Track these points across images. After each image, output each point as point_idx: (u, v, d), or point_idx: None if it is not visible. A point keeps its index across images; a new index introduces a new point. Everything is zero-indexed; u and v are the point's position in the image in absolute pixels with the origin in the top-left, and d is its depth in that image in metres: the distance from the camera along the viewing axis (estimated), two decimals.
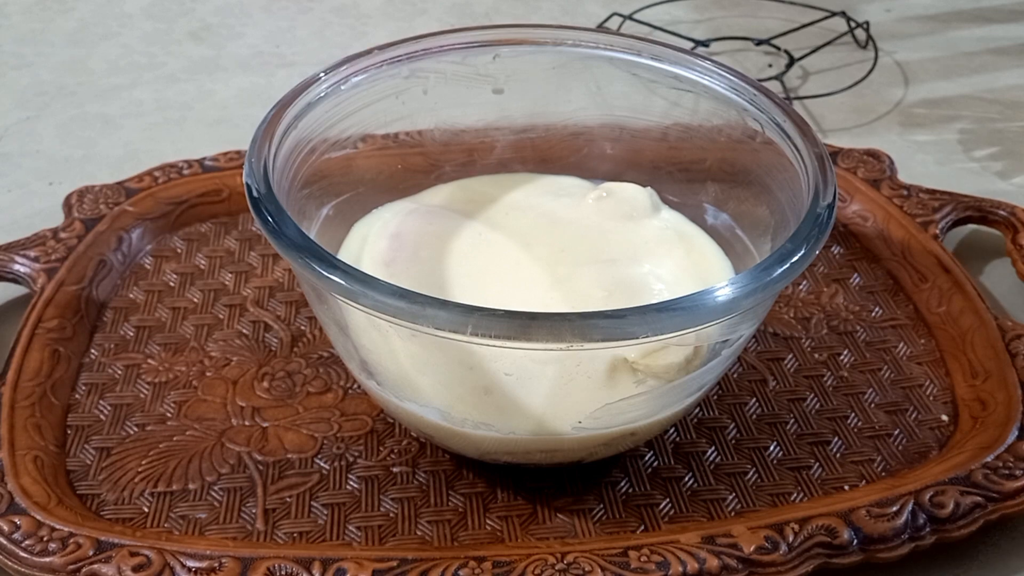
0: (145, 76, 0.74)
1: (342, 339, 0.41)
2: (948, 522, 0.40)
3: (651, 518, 0.41)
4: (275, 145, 0.40)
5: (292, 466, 0.43)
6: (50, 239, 0.52)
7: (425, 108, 0.49)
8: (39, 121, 0.68)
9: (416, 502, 0.42)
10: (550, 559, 0.38)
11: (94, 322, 0.50)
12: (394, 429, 0.45)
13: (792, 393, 0.47)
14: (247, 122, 0.42)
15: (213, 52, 0.77)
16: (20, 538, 0.38)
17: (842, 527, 0.39)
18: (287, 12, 0.83)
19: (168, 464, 0.43)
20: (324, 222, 0.46)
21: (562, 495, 0.42)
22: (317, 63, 0.64)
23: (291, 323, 0.50)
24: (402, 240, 0.45)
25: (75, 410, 0.45)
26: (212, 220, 0.56)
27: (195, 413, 0.45)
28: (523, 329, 0.33)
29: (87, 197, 0.55)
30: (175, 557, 0.38)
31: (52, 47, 0.77)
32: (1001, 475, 0.41)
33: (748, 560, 0.38)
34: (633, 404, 0.38)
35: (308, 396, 0.46)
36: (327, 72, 0.44)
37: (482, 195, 0.49)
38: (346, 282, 0.34)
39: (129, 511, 0.41)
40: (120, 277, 0.52)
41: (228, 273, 0.53)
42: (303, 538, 0.40)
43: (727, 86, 0.45)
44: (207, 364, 0.48)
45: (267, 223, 0.37)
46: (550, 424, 0.39)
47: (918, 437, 0.45)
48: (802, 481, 0.43)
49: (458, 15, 0.82)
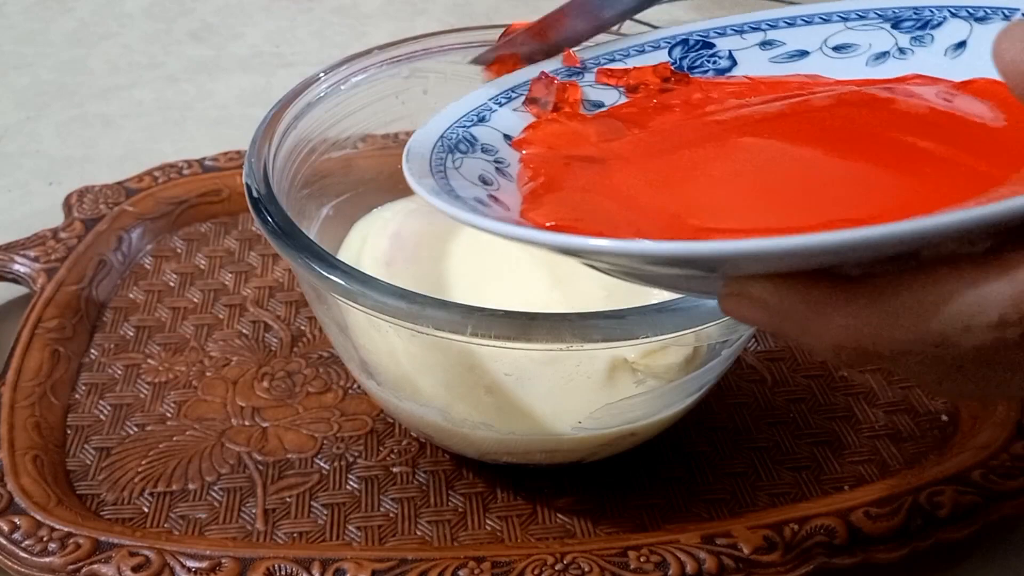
0: (145, 76, 0.74)
1: (342, 339, 0.41)
2: (947, 522, 0.40)
3: (651, 518, 0.41)
4: (275, 145, 0.40)
5: (292, 466, 0.43)
6: (50, 239, 0.52)
7: (425, 108, 0.49)
8: (39, 121, 0.68)
9: (416, 502, 0.42)
10: (549, 559, 0.38)
11: (94, 322, 0.50)
12: (394, 429, 0.45)
13: (792, 393, 0.47)
14: (247, 122, 0.43)
15: (213, 52, 0.77)
16: (20, 538, 0.38)
17: (841, 527, 0.39)
18: (287, 12, 0.83)
19: (168, 464, 0.43)
20: (324, 222, 0.46)
21: (562, 495, 0.42)
22: (317, 63, 0.64)
23: (291, 323, 0.50)
24: (402, 240, 0.45)
25: (75, 410, 0.45)
26: (212, 220, 0.56)
27: (195, 413, 0.45)
28: (523, 329, 0.33)
29: (87, 197, 0.55)
30: (175, 557, 0.38)
31: (52, 47, 0.77)
32: (1000, 475, 0.41)
33: (747, 560, 0.38)
34: (633, 404, 0.38)
35: (308, 396, 0.46)
36: (327, 72, 0.44)
37: None
38: (346, 282, 0.34)
39: (129, 511, 0.41)
40: (120, 277, 0.52)
41: (228, 273, 0.53)
42: (303, 538, 0.40)
43: None
44: (207, 364, 0.48)
45: (267, 223, 0.37)
46: (550, 424, 0.39)
47: (917, 437, 0.45)
48: (801, 481, 0.43)
49: (458, 15, 0.82)
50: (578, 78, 0.35)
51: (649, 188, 0.28)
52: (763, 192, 0.27)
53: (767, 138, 0.29)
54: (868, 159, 0.27)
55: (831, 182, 0.26)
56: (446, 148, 0.31)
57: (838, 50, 0.33)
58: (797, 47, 0.33)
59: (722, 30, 0.34)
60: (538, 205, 0.28)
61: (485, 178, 0.30)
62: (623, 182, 0.29)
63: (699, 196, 0.27)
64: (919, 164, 0.27)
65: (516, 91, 0.34)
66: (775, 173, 0.27)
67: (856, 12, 0.33)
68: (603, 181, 0.29)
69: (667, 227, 0.26)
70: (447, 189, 0.28)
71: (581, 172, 0.30)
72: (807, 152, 0.28)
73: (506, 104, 0.33)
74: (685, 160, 0.30)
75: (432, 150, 0.30)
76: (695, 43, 0.34)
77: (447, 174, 0.29)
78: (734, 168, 0.28)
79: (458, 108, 0.33)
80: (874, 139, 0.28)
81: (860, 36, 0.33)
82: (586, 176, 0.30)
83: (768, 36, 0.34)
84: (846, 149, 0.28)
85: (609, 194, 0.28)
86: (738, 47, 0.34)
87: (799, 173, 0.27)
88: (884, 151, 0.28)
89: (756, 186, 0.27)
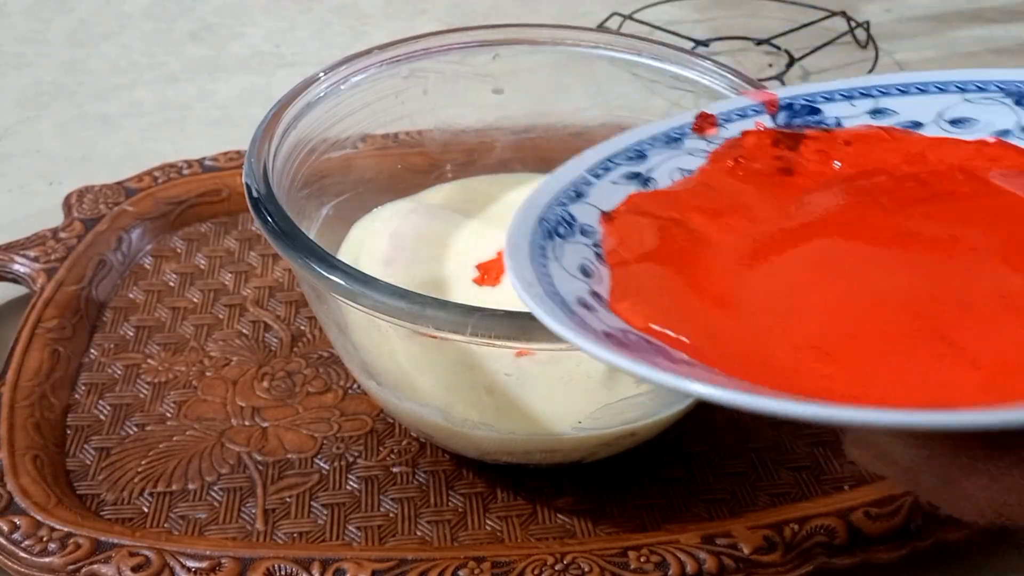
0: (145, 76, 0.74)
1: (342, 339, 0.41)
2: (947, 522, 0.39)
3: (651, 518, 0.41)
4: (275, 145, 0.40)
5: (292, 466, 0.43)
6: (50, 239, 0.52)
7: (425, 108, 0.49)
8: (39, 121, 0.68)
9: (416, 502, 0.42)
10: (549, 559, 0.38)
11: (94, 322, 0.50)
12: (394, 429, 0.45)
13: None
14: (247, 122, 0.43)
15: (213, 52, 0.77)
16: (20, 538, 0.38)
17: (841, 527, 0.39)
18: (287, 12, 0.83)
19: (168, 464, 0.43)
20: (324, 222, 0.46)
21: (562, 495, 0.42)
22: (317, 63, 0.64)
23: (291, 323, 0.50)
24: (402, 240, 0.45)
25: (75, 410, 0.45)
26: (212, 220, 0.56)
27: (195, 413, 0.45)
28: (523, 329, 0.33)
29: (87, 197, 0.55)
30: (175, 557, 0.38)
31: (52, 47, 0.77)
32: None
33: (747, 560, 0.38)
34: (633, 404, 0.38)
35: (308, 396, 0.46)
36: (327, 72, 0.44)
37: (482, 195, 0.49)
38: (346, 282, 0.34)
39: (129, 511, 0.41)
40: (120, 277, 0.52)
41: (228, 273, 0.53)
42: (303, 538, 0.40)
43: (727, 86, 0.45)
44: (207, 364, 0.48)
45: (267, 223, 0.37)
46: (550, 424, 0.39)
47: None
48: (801, 481, 0.43)
49: (458, 15, 0.82)
50: None
51: (746, 292, 0.26)
52: (881, 336, 0.24)
53: (880, 246, 0.27)
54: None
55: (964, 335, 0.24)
56: (545, 233, 0.28)
57: (955, 124, 0.30)
58: (910, 118, 0.31)
59: (830, 95, 0.32)
60: (624, 293, 0.26)
61: (586, 269, 0.27)
62: (716, 272, 0.26)
63: (809, 323, 0.25)
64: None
65: (614, 160, 0.31)
66: (895, 304, 0.25)
67: (976, 84, 0.30)
68: (692, 262, 0.27)
69: (771, 364, 0.24)
70: (549, 289, 0.25)
71: (672, 242, 0.27)
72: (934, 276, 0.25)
73: (604, 176, 0.31)
74: (789, 264, 0.27)
75: (532, 234, 0.27)
76: (800, 108, 0.32)
77: (548, 266, 0.26)
78: (848, 292, 0.25)
79: (554, 180, 0.30)
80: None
81: (979, 110, 0.30)
82: (676, 249, 0.27)
83: (879, 104, 0.31)
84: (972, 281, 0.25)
85: (692, 283, 0.26)
86: (847, 115, 0.31)
87: (929, 309, 0.24)
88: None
89: (872, 324, 0.24)
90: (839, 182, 0.30)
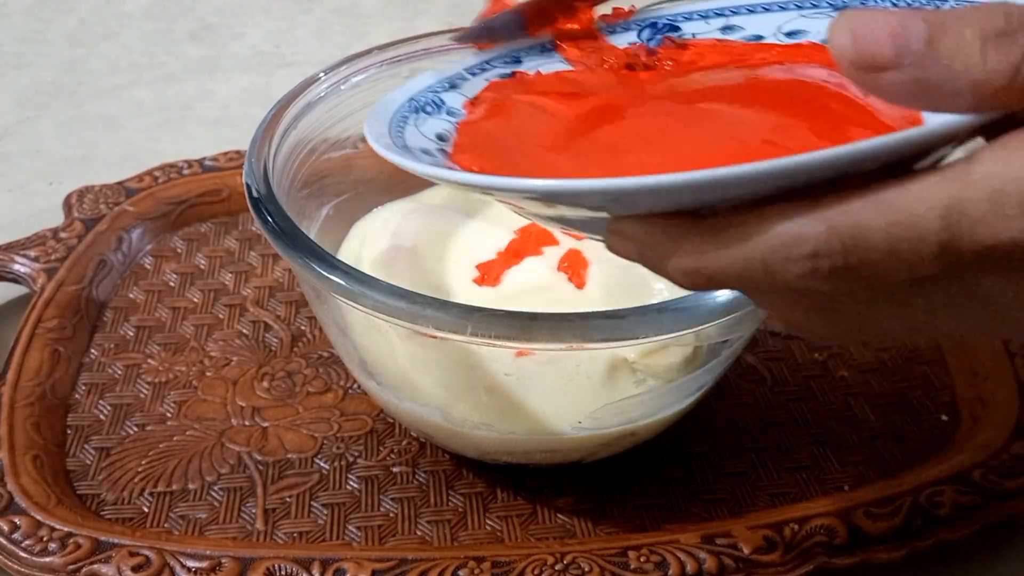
0: (145, 76, 0.74)
1: (342, 339, 0.41)
2: (947, 522, 0.40)
3: (651, 518, 0.41)
4: (275, 145, 0.40)
5: (292, 466, 0.43)
6: (50, 239, 0.52)
7: None
8: (39, 121, 0.68)
9: (416, 502, 0.42)
10: (549, 559, 0.38)
11: (94, 322, 0.50)
12: (394, 429, 0.45)
13: (792, 393, 0.47)
14: (247, 122, 0.43)
15: (213, 52, 0.77)
16: (20, 538, 0.38)
17: (841, 527, 0.39)
18: (287, 12, 0.83)
19: (168, 464, 0.43)
20: (324, 222, 0.46)
21: (562, 495, 0.42)
22: (317, 63, 0.64)
23: (291, 323, 0.50)
24: (402, 240, 0.45)
25: (75, 410, 0.45)
26: (212, 220, 0.56)
27: (195, 413, 0.45)
28: (523, 329, 0.33)
29: (87, 197, 0.55)
30: (175, 557, 0.38)
31: (52, 47, 0.77)
32: (1000, 475, 0.41)
33: (747, 560, 0.38)
34: (633, 404, 0.38)
35: (308, 396, 0.46)
36: (327, 72, 0.44)
37: None
38: (346, 282, 0.34)
39: (129, 511, 0.41)
40: (120, 277, 0.52)
41: (228, 273, 0.53)
42: (303, 538, 0.40)
43: None
44: (207, 364, 0.48)
45: (267, 223, 0.37)
46: (550, 424, 0.39)
47: (917, 437, 0.45)
48: (801, 481, 0.43)
49: (458, 15, 0.82)
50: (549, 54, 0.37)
51: (577, 140, 0.30)
52: (669, 147, 0.29)
53: (687, 103, 0.32)
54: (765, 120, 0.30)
55: (719, 136, 0.29)
56: (413, 108, 0.33)
57: (790, 36, 0.34)
58: (754, 32, 0.35)
59: (689, 15, 0.36)
60: (468, 149, 0.30)
61: (442, 135, 0.32)
62: (558, 132, 0.31)
63: (618, 150, 0.29)
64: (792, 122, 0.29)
65: (491, 63, 0.35)
66: (686, 132, 0.30)
67: (811, 1, 0.35)
68: (540, 129, 0.31)
69: (575, 173, 0.28)
70: (400, 142, 0.30)
71: (524, 115, 0.32)
72: (724, 111, 0.31)
73: (480, 74, 0.35)
74: (619, 121, 0.32)
75: (398, 108, 0.32)
76: (663, 26, 0.36)
77: (404, 130, 0.31)
78: (659, 127, 0.30)
79: (435, 75, 0.34)
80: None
81: (811, 24, 0.34)
82: (526, 120, 0.32)
83: (729, 22, 0.36)
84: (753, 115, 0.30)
85: (540, 142, 0.30)
86: (701, 31, 0.36)
87: (704, 130, 0.30)
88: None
89: (665, 142, 0.29)
90: (670, 76, 0.35)
